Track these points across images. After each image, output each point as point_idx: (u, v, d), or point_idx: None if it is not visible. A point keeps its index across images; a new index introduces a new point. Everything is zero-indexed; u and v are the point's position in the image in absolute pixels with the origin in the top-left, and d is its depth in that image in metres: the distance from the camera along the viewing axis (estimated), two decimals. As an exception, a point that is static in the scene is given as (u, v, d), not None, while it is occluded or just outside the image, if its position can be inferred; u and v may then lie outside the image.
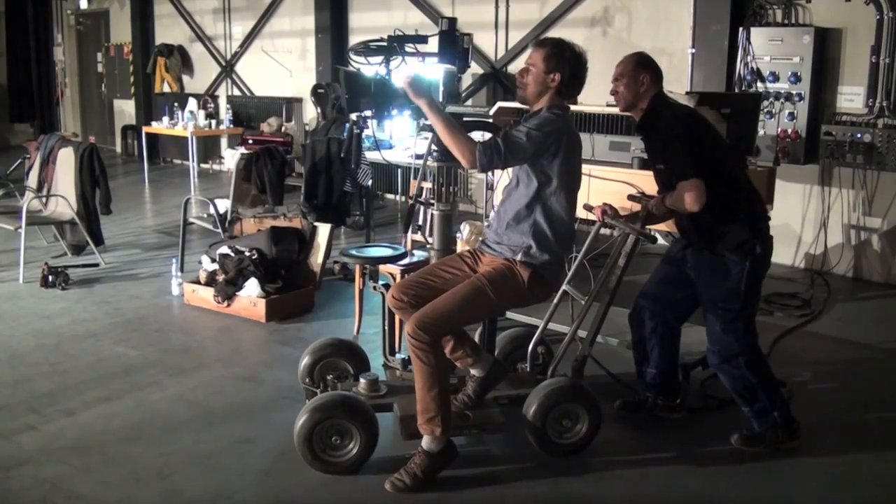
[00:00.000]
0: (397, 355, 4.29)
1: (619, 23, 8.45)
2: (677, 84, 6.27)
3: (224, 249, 6.01)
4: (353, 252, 4.43)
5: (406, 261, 5.27)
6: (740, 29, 7.07)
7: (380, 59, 3.90)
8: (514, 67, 9.48)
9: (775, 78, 6.93)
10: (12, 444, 3.97)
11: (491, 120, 4.42)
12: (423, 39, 4.03)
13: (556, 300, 4.19)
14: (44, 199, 7.33)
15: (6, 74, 16.24)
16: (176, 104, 12.15)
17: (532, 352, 4.23)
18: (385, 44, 3.92)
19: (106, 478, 3.66)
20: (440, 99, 3.99)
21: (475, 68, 9.62)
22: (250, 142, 9.62)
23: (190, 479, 3.66)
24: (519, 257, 3.68)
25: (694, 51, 7.47)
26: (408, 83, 3.64)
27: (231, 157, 9.20)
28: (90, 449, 3.90)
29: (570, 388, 3.89)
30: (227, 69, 13.03)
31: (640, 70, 3.91)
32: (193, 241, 7.71)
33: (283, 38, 12.03)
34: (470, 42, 4.16)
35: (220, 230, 6.61)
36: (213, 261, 6.05)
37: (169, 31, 14.01)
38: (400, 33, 3.98)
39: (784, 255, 7.39)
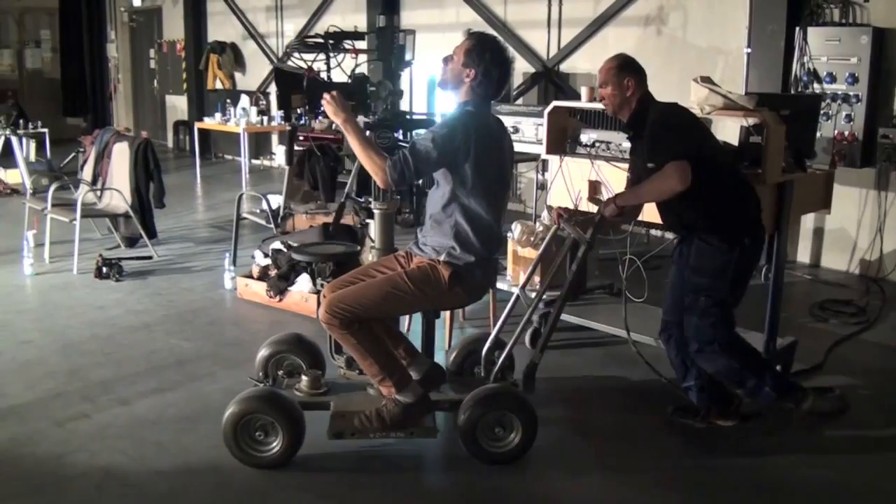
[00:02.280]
0: (345, 353, 4.19)
1: (674, 22, 8.36)
2: (732, 84, 6.19)
3: (276, 245, 6.06)
4: (308, 249, 4.45)
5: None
6: (797, 28, 6.95)
7: (312, 56, 3.92)
8: (567, 67, 9.43)
9: (832, 79, 6.80)
10: (66, 431, 4.04)
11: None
12: (360, 36, 4.06)
13: (510, 304, 4.16)
14: (98, 193, 7.45)
15: (60, 70, 16.56)
16: (228, 101, 12.27)
17: (486, 356, 4.12)
18: (322, 41, 3.95)
19: (159, 467, 3.70)
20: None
21: (526, 67, 9.57)
22: (301, 138, 9.67)
23: (241, 469, 3.68)
24: (442, 258, 3.67)
25: (750, 50, 7.35)
26: (327, 101, 3.64)
27: (282, 154, 9.27)
28: (143, 438, 3.95)
29: (503, 396, 3.80)
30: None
31: (623, 74, 3.90)
32: (245, 235, 7.79)
33: (335, 36, 12.08)
34: (405, 39, 4.14)
35: (272, 225, 6.67)
36: (266, 256, 6.10)
37: (221, 28, 14.15)
38: (336, 30, 3.96)
39: (839, 260, 7.26)
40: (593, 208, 4.26)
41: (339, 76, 4.20)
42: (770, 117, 4.25)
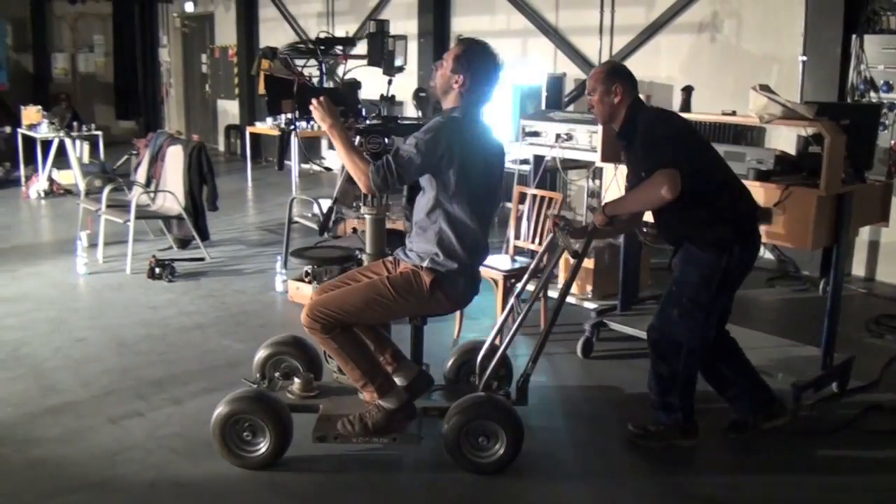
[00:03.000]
0: None
1: (728, 29, 8.26)
2: (787, 92, 6.09)
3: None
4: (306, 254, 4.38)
5: (509, 266, 5.27)
6: (853, 36, 6.83)
7: (304, 61, 3.95)
8: (617, 74, 9.35)
9: (889, 88, 6.67)
10: (121, 428, 4.11)
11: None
12: (350, 42, 4.09)
13: (504, 313, 4.10)
14: (152, 195, 7.55)
15: (113, 74, 16.86)
16: (279, 105, 12.34)
17: (480, 364, 4.06)
18: (312, 46, 3.97)
19: (212, 467, 3.73)
20: (542, 105, 3.97)
21: (577, 73, 9.53)
22: (351, 143, 9.71)
23: (295, 471, 3.71)
24: (425, 264, 3.64)
25: (805, 58, 7.25)
26: (315, 106, 3.67)
27: (334, 158, 9.32)
28: (196, 437, 3.99)
29: (488, 405, 3.74)
30: (330, 71, 13.19)
31: (611, 80, 3.83)
32: (296, 239, 7.83)
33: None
34: (394, 45, 4.15)
35: (319, 229, 6.70)
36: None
37: (273, 34, 14.25)
38: (326, 34, 4.02)
39: (894, 274, 7.11)
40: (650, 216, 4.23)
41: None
42: (830, 127, 4.18)
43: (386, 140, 3.99)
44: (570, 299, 5.71)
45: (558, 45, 9.71)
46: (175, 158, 7.42)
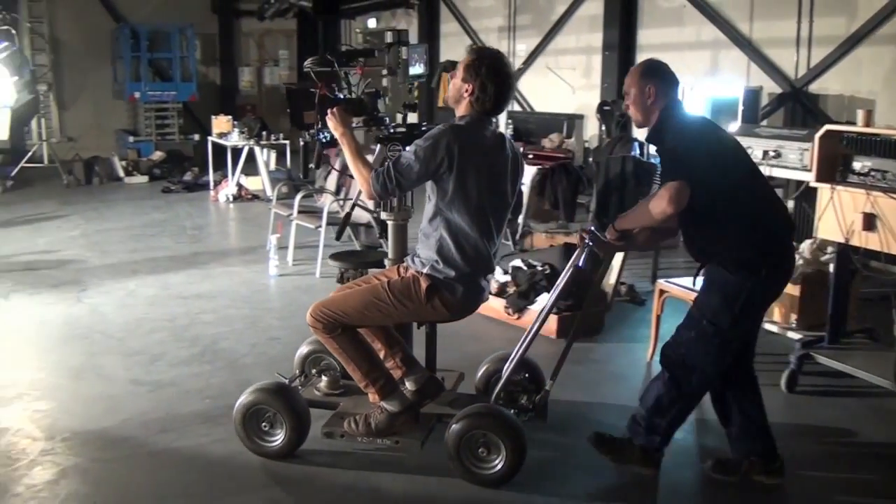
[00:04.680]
0: None
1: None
2: None
3: (516, 262, 6.02)
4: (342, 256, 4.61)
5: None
6: None
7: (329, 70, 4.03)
8: (817, 87, 8.86)
9: None
10: (313, 427, 4.08)
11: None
12: (370, 53, 4.21)
13: (534, 326, 3.93)
14: (341, 202, 7.69)
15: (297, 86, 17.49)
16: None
17: (508, 376, 3.94)
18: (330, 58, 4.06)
19: (406, 471, 3.79)
20: (738, 119, 3.79)
21: (772, 87, 9.09)
22: (531, 156, 9.63)
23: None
24: (425, 270, 3.66)
25: None
26: (329, 116, 3.79)
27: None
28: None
29: (491, 417, 3.69)
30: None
31: (644, 81, 3.59)
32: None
33: (568, 55, 12.01)
34: (410, 53, 4.23)
35: (510, 242, 6.64)
36: (505, 272, 6.05)
37: (454, 48, 14.40)
38: (348, 47, 3.94)
39: None
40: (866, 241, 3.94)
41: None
42: None
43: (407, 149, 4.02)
44: (772, 327, 5.42)
45: (751, 57, 9.31)
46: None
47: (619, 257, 5.98)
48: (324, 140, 4.02)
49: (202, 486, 3.75)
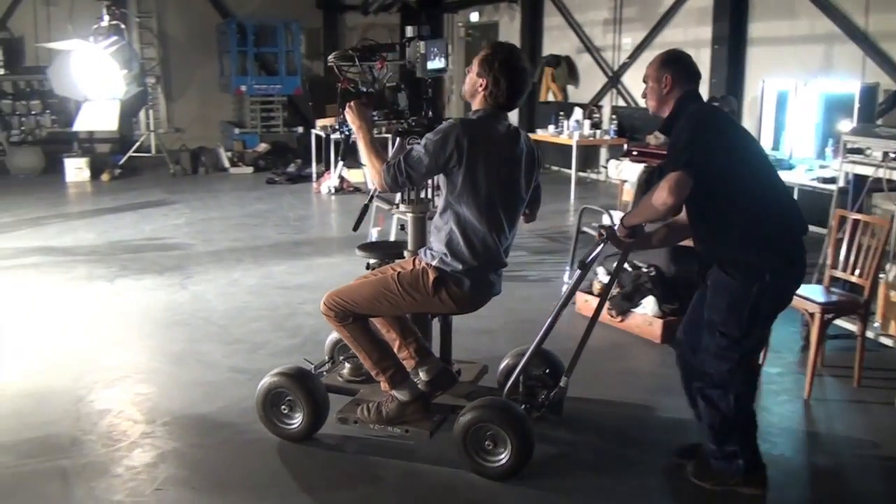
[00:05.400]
0: None
1: None
2: None
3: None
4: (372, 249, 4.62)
5: (824, 298, 4.78)
6: None
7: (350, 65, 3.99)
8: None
9: None
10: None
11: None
12: (391, 48, 4.19)
13: (548, 322, 3.90)
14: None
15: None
16: (560, 113, 12.29)
17: (523, 371, 3.96)
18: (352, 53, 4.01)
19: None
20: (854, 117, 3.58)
21: (889, 84, 8.64)
22: (635, 153, 9.41)
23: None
24: (434, 262, 3.68)
25: None
26: (348, 108, 3.83)
27: (615, 168, 9.07)
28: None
29: (499, 410, 3.70)
30: (613, 80, 12.97)
31: (663, 69, 3.49)
32: (581, 249, 7.64)
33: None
34: (427, 47, 4.12)
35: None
36: (609, 273, 5.89)
37: (557, 42, 14.24)
38: (371, 42, 4.14)
39: None
40: None
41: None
42: None
43: None
44: (888, 341, 5.14)
45: (867, 51, 8.87)
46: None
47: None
48: (347, 133, 4.03)
49: (295, 478, 3.78)
